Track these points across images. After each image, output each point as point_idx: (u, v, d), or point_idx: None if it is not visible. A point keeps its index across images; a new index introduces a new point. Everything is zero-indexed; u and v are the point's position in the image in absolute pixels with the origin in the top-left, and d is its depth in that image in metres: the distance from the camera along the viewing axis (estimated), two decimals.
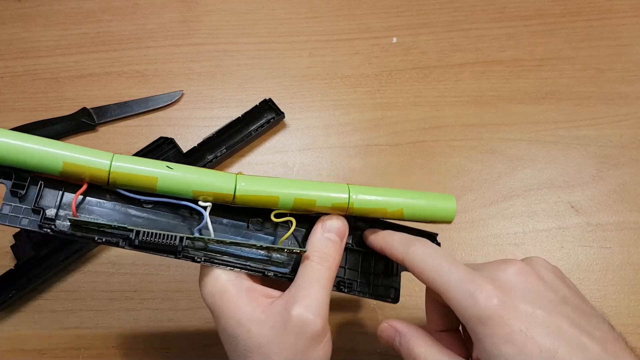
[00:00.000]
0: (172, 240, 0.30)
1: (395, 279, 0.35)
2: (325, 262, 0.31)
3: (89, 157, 0.29)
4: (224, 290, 0.30)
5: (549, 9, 0.57)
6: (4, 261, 0.47)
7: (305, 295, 0.29)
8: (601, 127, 0.52)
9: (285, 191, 0.31)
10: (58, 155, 0.29)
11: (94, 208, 0.31)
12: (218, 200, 0.31)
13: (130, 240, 0.29)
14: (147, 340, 0.45)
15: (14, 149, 0.28)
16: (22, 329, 0.46)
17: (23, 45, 0.59)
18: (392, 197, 0.33)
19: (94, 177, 0.29)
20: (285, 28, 0.59)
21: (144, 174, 0.30)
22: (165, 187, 0.30)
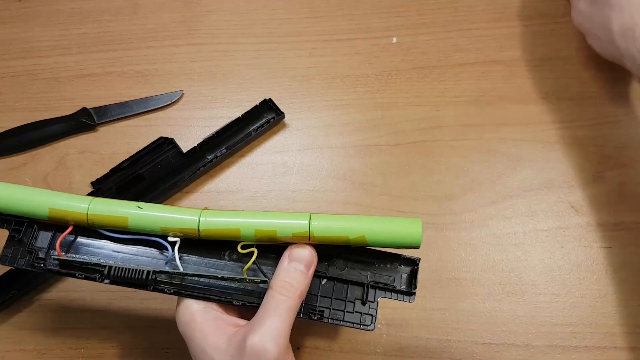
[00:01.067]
0: (141, 275, 0.33)
1: (372, 306, 0.35)
2: (287, 292, 0.32)
3: (70, 203, 0.34)
4: (192, 319, 0.33)
5: (549, 9, 0.57)
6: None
7: (261, 324, 0.31)
8: (601, 127, 0.52)
9: (245, 223, 0.33)
10: (44, 203, 0.34)
11: (83, 247, 0.35)
12: (186, 235, 0.34)
13: (105, 276, 0.34)
14: (147, 340, 0.45)
15: (7, 200, 0.34)
16: (22, 329, 0.46)
17: (23, 45, 0.59)
18: (354, 223, 0.33)
19: (76, 220, 0.34)
20: (285, 28, 0.59)
21: (116, 214, 0.34)
22: (136, 225, 0.34)
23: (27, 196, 0.34)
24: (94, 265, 0.34)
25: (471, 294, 0.46)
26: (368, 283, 0.35)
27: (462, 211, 0.49)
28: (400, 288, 0.35)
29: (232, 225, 0.33)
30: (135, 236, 0.34)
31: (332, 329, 0.45)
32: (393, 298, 0.35)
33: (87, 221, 0.34)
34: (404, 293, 0.35)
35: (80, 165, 0.52)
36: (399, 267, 0.36)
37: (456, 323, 0.45)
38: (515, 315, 0.45)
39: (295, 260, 0.33)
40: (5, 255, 0.34)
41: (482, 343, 0.44)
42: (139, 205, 0.34)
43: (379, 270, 0.36)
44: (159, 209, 0.34)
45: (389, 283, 0.35)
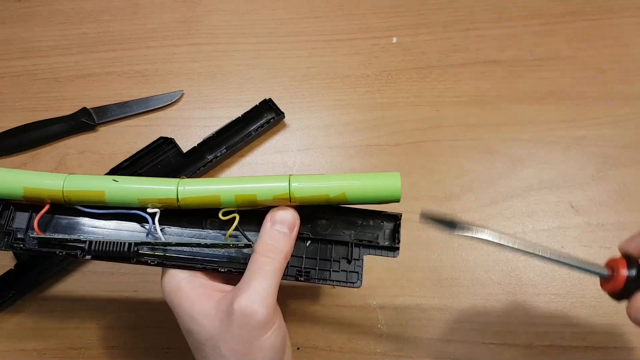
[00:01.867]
0: (122, 248, 0.33)
1: (357, 264, 0.35)
2: (271, 254, 0.32)
3: (44, 181, 0.33)
4: (178, 287, 0.32)
5: (549, 9, 0.57)
6: (4, 261, 0.47)
7: (248, 287, 0.30)
8: (601, 127, 0.52)
9: (225, 189, 0.33)
10: (18, 183, 0.33)
11: (61, 225, 0.35)
12: (165, 205, 0.33)
13: (86, 251, 0.33)
14: (147, 340, 0.45)
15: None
16: (22, 329, 0.46)
17: (23, 45, 0.59)
18: (333, 181, 0.33)
19: (52, 198, 0.33)
20: (285, 28, 0.59)
21: (92, 189, 0.33)
22: (114, 199, 0.33)
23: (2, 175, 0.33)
24: (74, 242, 0.33)
25: (471, 294, 0.46)
26: (352, 241, 0.35)
27: (462, 211, 0.49)
28: (384, 244, 0.36)
29: (211, 193, 0.33)
30: (114, 210, 0.34)
31: (332, 328, 0.45)
32: (377, 254, 0.36)
33: (64, 198, 0.33)
34: (388, 249, 0.36)
35: (80, 165, 0.52)
36: (382, 224, 0.36)
37: (456, 323, 0.45)
38: (515, 315, 0.45)
39: (278, 222, 0.33)
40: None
41: (482, 343, 0.44)
42: (115, 179, 0.33)
43: (362, 228, 0.36)
44: (136, 181, 0.34)
45: (373, 240, 0.36)
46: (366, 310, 0.45)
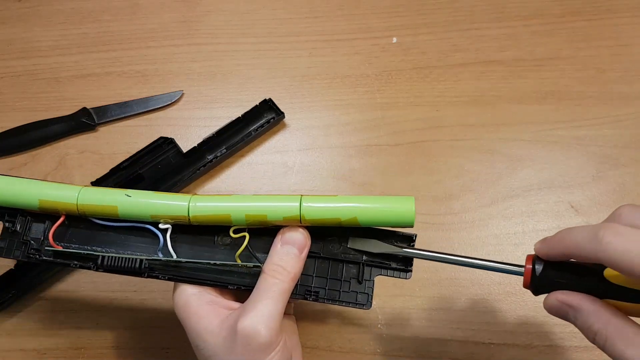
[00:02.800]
0: (134, 264, 0.34)
1: (368, 284, 0.35)
2: (279, 275, 0.32)
3: (59, 192, 0.34)
4: (187, 303, 0.33)
5: (549, 9, 0.57)
6: (4, 261, 0.47)
7: (253, 308, 0.31)
8: (601, 127, 0.52)
9: (235, 208, 0.33)
10: (34, 194, 0.34)
11: (76, 235, 0.35)
12: (177, 221, 0.34)
13: (99, 265, 0.34)
14: (147, 340, 0.45)
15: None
16: (22, 329, 0.46)
17: (23, 45, 0.59)
18: (345, 204, 0.32)
19: (67, 210, 0.34)
20: (285, 28, 0.59)
21: (105, 203, 0.34)
22: (126, 214, 0.34)
23: (16, 187, 0.34)
24: (87, 255, 0.34)
25: (471, 294, 0.46)
26: (363, 262, 0.35)
27: (462, 211, 0.49)
28: (397, 266, 0.35)
29: (222, 211, 0.33)
30: (127, 224, 0.34)
31: (332, 328, 0.45)
32: (389, 275, 0.35)
33: (78, 211, 0.34)
34: (401, 270, 0.35)
35: (80, 165, 0.52)
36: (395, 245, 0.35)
37: (456, 323, 0.45)
38: (515, 315, 0.45)
39: (288, 243, 0.33)
40: (1, 247, 0.35)
41: (482, 343, 0.44)
42: (128, 194, 0.34)
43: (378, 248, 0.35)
44: (149, 196, 0.34)
45: (385, 261, 0.35)
46: (366, 310, 0.45)
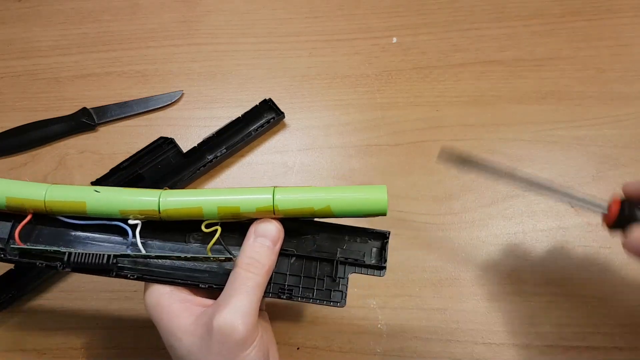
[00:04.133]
0: (101, 260, 0.32)
1: (342, 282, 0.35)
2: (253, 269, 0.31)
3: (26, 190, 0.33)
4: (158, 302, 0.32)
5: (549, 9, 0.57)
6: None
7: (228, 303, 0.30)
8: (601, 127, 0.52)
9: (207, 201, 0.32)
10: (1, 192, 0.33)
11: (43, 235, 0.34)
12: (147, 217, 0.33)
13: (66, 263, 0.32)
14: (147, 340, 0.45)
15: None
16: (22, 329, 0.46)
17: (23, 45, 0.59)
18: (317, 194, 0.32)
19: (35, 208, 0.33)
20: (285, 28, 0.59)
21: (73, 199, 0.32)
22: (95, 210, 0.33)
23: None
24: (53, 253, 0.33)
25: (471, 294, 0.46)
26: (337, 259, 0.34)
27: (462, 211, 0.49)
28: (370, 262, 0.35)
29: (193, 204, 0.32)
30: (95, 222, 0.33)
31: (332, 328, 0.45)
32: (363, 273, 0.35)
33: (45, 208, 0.33)
34: (374, 267, 0.35)
35: (80, 165, 0.52)
36: (369, 242, 0.35)
37: (456, 323, 0.45)
38: (515, 315, 0.45)
39: (261, 235, 0.32)
40: None
41: (482, 343, 0.44)
42: (96, 189, 0.33)
43: (348, 245, 0.35)
44: (118, 192, 0.33)
45: (359, 258, 0.35)
46: (366, 310, 0.45)
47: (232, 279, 0.31)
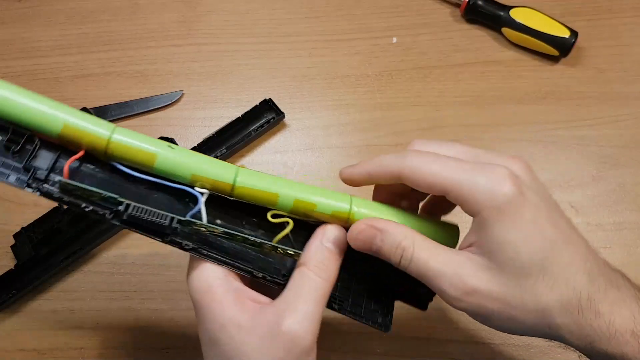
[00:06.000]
0: (162, 220, 0.28)
1: (389, 306, 0.33)
2: (323, 274, 0.29)
3: (90, 124, 0.28)
4: (210, 287, 0.28)
5: (549, 9, 0.57)
6: (4, 261, 0.47)
7: (298, 308, 0.28)
8: (601, 127, 0.52)
9: (285, 191, 0.30)
10: (59, 116, 0.28)
11: (87, 179, 0.29)
12: (216, 189, 0.29)
13: (119, 214, 0.28)
14: (147, 340, 0.45)
15: (14, 104, 0.27)
16: (22, 329, 0.46)
17: (23, 45, 0.59)
18: (399, 218, 0.31)
19: (92, 145, 0.28)
20: (285, 28, 0.59)
21: (144, 149, 0.28)
22: (164, 166, 0.29)
23: (38, 105, 0.27)
24: (105, 200, 0.28)
25: None
26: (389, 283, 0.33)
27: (462, 211, 0.49)
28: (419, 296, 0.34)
29: (270, 190, 0.29)
30: (157, 179, 0.29)
31: (333, 328, 0.45)
32: (407, 304, 0.34)
33: (106, 150, 0.28)
34: (420, 302, 0.34)
35: None
36: None
37: (456, 323, 0.45)
38: None
39: (330, 240, 0.30)
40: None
41: (482, 343, 0.44)
42: (171, 146, 0.29)
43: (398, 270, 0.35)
44: (193, 155, 0.29)
45: (408, 287, 0.33)
46: None
47: (300, 282, 0.29)
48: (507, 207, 0.27)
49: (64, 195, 0.28)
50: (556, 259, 0.27)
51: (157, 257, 0.48)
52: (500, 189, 0.27)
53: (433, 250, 0.28)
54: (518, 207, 0.27)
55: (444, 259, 0.28)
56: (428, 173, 0.28)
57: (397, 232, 0.29)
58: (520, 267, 0.27)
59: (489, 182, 0.27)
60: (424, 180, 0.28)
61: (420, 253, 0.28)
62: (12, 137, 0.28)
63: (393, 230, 0.29)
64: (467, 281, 0.27)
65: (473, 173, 0.28)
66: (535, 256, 0.26)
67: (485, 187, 0.27)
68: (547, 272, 0.27)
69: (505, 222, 0.27)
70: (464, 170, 0.28)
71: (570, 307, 0.27)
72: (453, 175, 0.28)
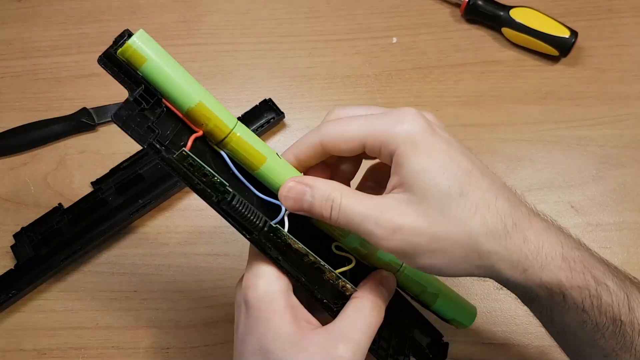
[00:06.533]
0: (258, 220, 0.29)
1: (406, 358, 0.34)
2: (377, 313, 0.30)
3: (221, 110, 0.29)
4: (274, 298, 0.29)
5: (549, 9, 0.57)
6: (4, 261, 0.47)
7: (353, 338, 0.29)
8: (601, 127, 0.52)
9: None
10: (197, 93, 0.28)
11: None
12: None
13: (224, 201, 0.28)
14: (147, 340, 0.45)
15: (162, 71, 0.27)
16: (22, 329, 0.46)
17: (23, 45, 0.59)
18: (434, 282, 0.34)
19: (215, 129, 0.29)
20: (285, 28, 0.59)
21: (258, 149, 0.30)
22: (269, 171, 0.30)
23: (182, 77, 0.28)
24: (218, 184, 0.28)
25: (471, 294, 0.46)
26: (410, 337, 0.35)
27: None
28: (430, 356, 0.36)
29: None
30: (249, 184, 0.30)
31: None
32: None
33: (225, 138, 0.29)
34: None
35: (80, 165, 0.52)
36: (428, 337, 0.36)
37: None
38: (515, 315, 0.45)
39: (385, 285, 0.32)
40: (120, 115, 0.27)
41: (482, 343, 0.44)
42: (279, 154, 0.31)
43: (421, 331, 0.36)
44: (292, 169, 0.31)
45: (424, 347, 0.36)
46: None
47: (355, 314, 0.30)
48: (421, 139, 0.28)
49: (182, 163, 0.27)
50: (474, 185, 0.27)
51: (157, 257, 0.48)
52: (412, 125, 0.28)
53: (360, 197, 0.28)
54: (431, 140, 0.28)
55: (370, 203, 0.28)
56: (345, 133, 0.30)
57: (326, 186, 0.29)
58: (440, 195, 0.27)
59: (400, 120, 0.28)
60: (343, 140, 0.29)
61: (348, 200, 0.28)
62: (143, 95, 0.27)
63: (322, 184, 0.29)
64: (392, 219, 0.27)
65: (385, 118, 0.29)
66: (453, 183, 0.27)
67: (398, 125, 0.28)
68: (468, 198, 0.27)
69: (420, 154, 0.27)
70: (376, 118, 0.29)
71: (497, 232, 0.27)
72: (367, 127, 0.29)
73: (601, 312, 0.28)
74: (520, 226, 0.28)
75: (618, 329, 0.29)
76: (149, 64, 0.27)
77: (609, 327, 0.29)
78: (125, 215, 0.48)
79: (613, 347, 0.29)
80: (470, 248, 0.27)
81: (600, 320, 0.28)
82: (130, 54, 0.27)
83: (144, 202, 0.48)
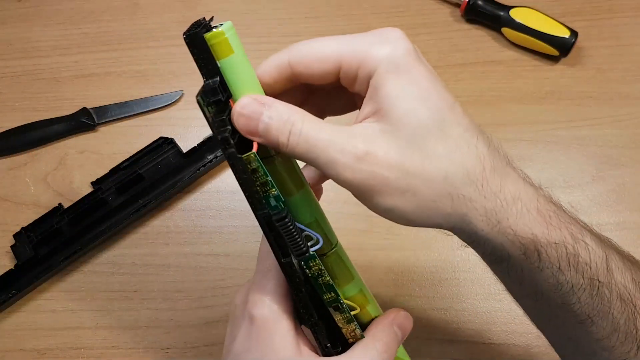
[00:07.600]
0: (301, 244, 0.26)
1: None
2: (386, 355, 0.28)
3: None
4: (280, 320, 0.27)
5: (548, 9, 0.57)
6: (4, 261, 0.47)
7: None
8: (601, 127, 0.52)
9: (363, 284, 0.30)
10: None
11: None
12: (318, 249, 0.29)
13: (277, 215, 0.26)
14: (147, 340, 0.45)
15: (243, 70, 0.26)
16: (22, 329, 0.46)
17: (23, 45, 0.59)
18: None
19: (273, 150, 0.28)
20: (285, 28, 0.59)
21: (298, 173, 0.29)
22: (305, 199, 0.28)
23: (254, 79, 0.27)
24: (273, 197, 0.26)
25: (471, 294, 0.46)
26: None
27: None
28: None
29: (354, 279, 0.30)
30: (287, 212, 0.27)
31: None
32: None
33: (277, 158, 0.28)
34: None
35: (80, 165, 0.52)
36: None
37: (456, 323, 0.45)
38: (515, 315, 0.45)
39: (399, 326, 0.29)
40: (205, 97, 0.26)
41: (482, 343, 0.44)
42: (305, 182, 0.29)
43: None
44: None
45: None
46: None
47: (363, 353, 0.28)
48: (404, 62, 0.25)
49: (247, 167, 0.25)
50: (455, 121, 0.25)
51: (157, 257, 0.48)
52: (395, 46, 0.25)
53: (323, 123, 0.25)
54: (415, 65, 0.25)
55: (335, 129, 0.25)
56: (318, 51, 0.26)
57: (286, 107, 0.25)
58: (418, 125, 0.24)
59: (383, 40, 0.25)
60: (316, 59, 0.26)
61: (311, 124, 0.25)
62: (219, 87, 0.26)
63: (280, 105, 0.25)
64: (359, 144, 0.24)
65: (366, 37, 0.25)
66: (434, 114, 0.24)
67: (380, 46, 0.25)
68: (448, 134, 0.24)
69: (401, 78, 0.24)
70: (355, 37, 0.25)
71: (475, 176, 0.24)
72: (344, 46, 0.25)
73: (577, 272, 0.25)
74: (498, 172, 0.25)
75: (595, 290, 0.26)
76: (233, 58, 0.26)
77: (585, 289, 0.26)
78: (125, 215, 0.48)
79: (588, 313, 0.26)
80: (443, 191, 0.24)
81: (576, 282, 0.25)
82: (219, 41, 0.26)
83: (144, 202, 0.48)
